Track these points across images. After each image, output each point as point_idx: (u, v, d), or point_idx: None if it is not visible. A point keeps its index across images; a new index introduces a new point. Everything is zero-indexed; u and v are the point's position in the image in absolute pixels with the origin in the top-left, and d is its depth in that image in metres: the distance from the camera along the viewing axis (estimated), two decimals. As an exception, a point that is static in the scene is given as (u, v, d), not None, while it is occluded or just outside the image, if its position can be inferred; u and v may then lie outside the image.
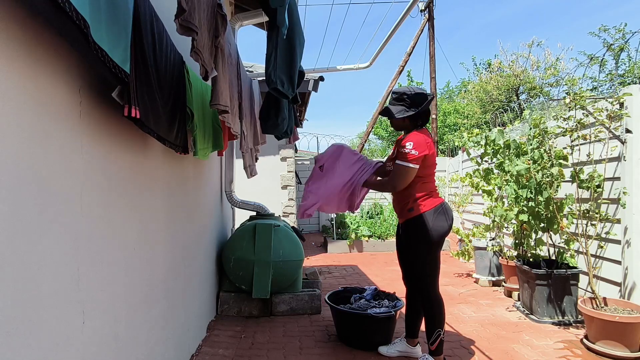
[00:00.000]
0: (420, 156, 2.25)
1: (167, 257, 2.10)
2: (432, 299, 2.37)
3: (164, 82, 1.60)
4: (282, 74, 2.09)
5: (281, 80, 2.08)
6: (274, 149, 7.08)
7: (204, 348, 2.69)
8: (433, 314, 2.36)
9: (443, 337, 2.35)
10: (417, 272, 2.41)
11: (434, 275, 2.39)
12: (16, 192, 0.94)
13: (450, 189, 8.39)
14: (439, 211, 2.33)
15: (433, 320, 2.36)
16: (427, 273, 2.37)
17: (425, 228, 2.29)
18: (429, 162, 2.32)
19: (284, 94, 2.14)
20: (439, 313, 2.36)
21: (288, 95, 2.19)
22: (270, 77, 1.99)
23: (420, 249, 2.35)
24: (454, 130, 18.36)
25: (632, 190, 2.99)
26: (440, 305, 2.37)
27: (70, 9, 0.90)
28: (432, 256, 2.36)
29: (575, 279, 3.22)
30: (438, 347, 2.35)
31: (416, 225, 2.33)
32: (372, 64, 5.46)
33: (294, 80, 2.23)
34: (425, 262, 2.36)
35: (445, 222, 2.33)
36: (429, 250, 2.34)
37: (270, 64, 1.98)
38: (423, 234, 2.31)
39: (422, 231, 2.31)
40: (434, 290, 2.38)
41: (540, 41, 15.14)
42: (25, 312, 0.96)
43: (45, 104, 1.06)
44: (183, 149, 1.93)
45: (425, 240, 2.32)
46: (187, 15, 1.36)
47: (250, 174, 3.64)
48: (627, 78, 12.52)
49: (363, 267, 5.51)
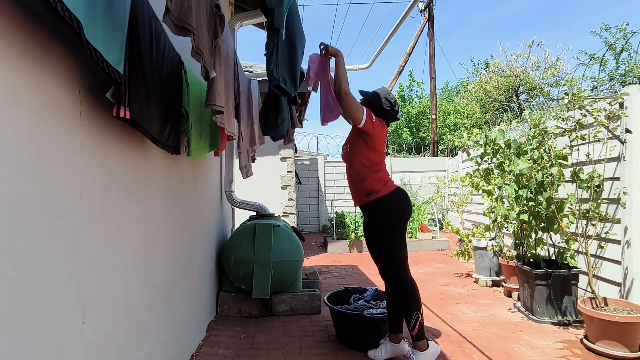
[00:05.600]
0: (372, 119, 2.43)
1: (167, 257, 2.10)
2: (404, 281, 2.41)
3: (159, 82, 1.60)
4: (284, 72, 2.09)
5: (283, 78, 2.08)
6: (274, 149, 7.08)
7: (203, 348, 2.69)
8: (408, 297, 2.39)
9: (422, 320, 2.37)
10: (386, 258, 2.45)
11: (402, 258, 2.43)
12: (16, 192, 0.94)
13: (450, 189, 8.39)
14: (397, 194, 2.44)
15: (409, 304, 2.38)
16: (395, 255, 2.41)
17: (386, 210, 2.40)
18: (378, 140, 2.46)
19: (286, 91, 2.14)
20: (413, 295, 2.39)
21: (290, 93, 2.19)
22: (273, 74, 1.99)
23: (384, 232, 2.41)
24: (454, 130, 18.37)
25: (632, 190, 2.99)
26: (414, 287, 2.41)
27: (62, 9, 0.90)
28: (397, 238, 2.41)
29: (575, 279, 3.22)
30: (419, 332, 2.36)
31: (377, 207, 2.42)
32: (372, 65, 5.45)
33: (296, 79, 2.23)
34: (392, 245, 2.41)
35: (404, 205, 2.44)
36: (393, 233, 2.40)
37: (271, 61, 1.98)
38: (384, 215, 2.40)
39: (383, 213, 2.40)
40: (405, 273, 2.42)
41: (541, 41, 15.17)
42: (25, 312, 0.96)
43: (45, 104, 1.06)
44: (174, 150, 1.90)
45: (387, 222, 2.40)
46: (182, 16, 1.36)
47: (245, 175, 3.64)
48: (628, 78, 12.53)
49: (363, 267, 5.51)
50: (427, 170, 9.37)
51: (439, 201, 8.69)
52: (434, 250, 6.77)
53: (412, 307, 2.37)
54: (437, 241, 6.88)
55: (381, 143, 2.50)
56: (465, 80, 20.28)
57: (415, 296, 2.40)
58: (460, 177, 5.44)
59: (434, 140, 12.24)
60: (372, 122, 2.44)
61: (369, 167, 2.46)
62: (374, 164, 2.46)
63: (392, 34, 4.57)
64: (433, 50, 12.26)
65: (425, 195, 8.85)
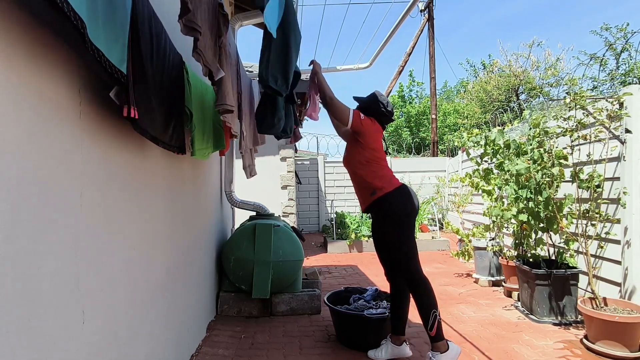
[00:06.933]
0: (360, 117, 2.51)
1: (167, 256, 2.10)
2: (417, 280, 2.37)
3: (161, 82, 1.60)
4: (276, 72, 2.08)
5: (274, 77, 2.07)
6: (274, 149, 7.08)
7: (203, 348, 2.69)
8: (422, 295, 2.34)
9: (440, 318, 2.31)
10: (396, 256, 2.42)
11: (412, 255, 2.39)
12: (16, 191, 0.94)
13: (450, 189, 8.39)
14: (401, 191, 2.43)
15: (425, 302, 2.33)
16: (404, 252, 2.38)
17: (392, 207, 2.39)
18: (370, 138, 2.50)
19: (277, 91, 2.14)
20: (428, 292, 2.34)
21: (282, 92, 2.19)
22: (262, 75, 1.99)
23: (391, 230, 2.40)
24: (454, 130, 18.37)
25: (632, 190, 2.99)
26: (427, 284, 2.36)
27: (68, 9, 0.90)
28: (405, 236, 2.39)
29: (575, 279, 3.22)
30: (437, 331, 2.29)
31: (382, 205, 2.41)
32: (372, 64, 5.45)
33: (289, 78, 2.22)
34: (400, 243, 2.39)
35: (409, 201, 2.42)
36: (400, 230, 2.38)
37: (262, 62, 1.98)
38: (390, 213, 2.39)
39: (389, 210, 2.39)
40: (417, 271, 2.38)
41: (541, 41, 15.16)
42: (25, 312, 0.96)
43: (45, 104, 1.06)
44: (179, 149, 1.91)
45: (394, 220, 2.38)
46: (190, 15, 1.36)
47: (250, 174, 3.64)
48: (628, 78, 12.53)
49: (363, 267, 5.51)
50: (427, 170, 9.37)
51: (439, 201, 8.69)
52: (434, 250, 6.77)
53: (429, 305, 2.31)
54: (437, 241, 6.88)
55: (374, 140, 2.53)
56: (465, 81, 20.29)
57: (431, 294, 2.34)
58: (460, 177, 5.44)
59: (434, 140, 12.25)
60: (361, 119, 2.50)
61: (366, 165, 2.48)
62: (371, 161, 2.48)
63: (392, 34, 4.57)
64: (433, 50, 12.26)
65: (425, 195, 8.85)
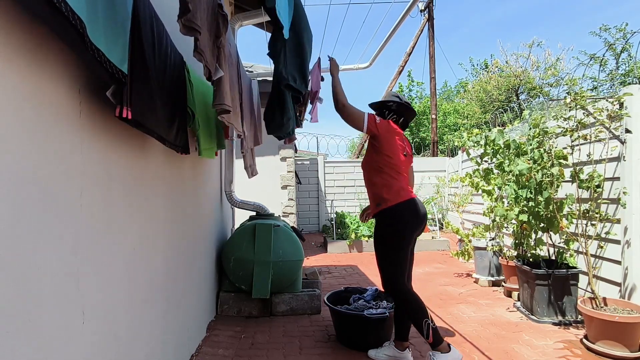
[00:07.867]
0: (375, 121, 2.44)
1: (167, 257, 2.10)
2: (403, 293, 2.35)
3: (162, 82, 1.60)
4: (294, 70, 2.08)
5: (293, 76, 2.07)
6: (274, 149, 7.08)
7: (203, 348, 2.69)
8: (411, 308, 2.33)
9: (433, 325, 2.29)
10: (382, 266, 2.41)
11: (398, 270, 2.36)
12: (16, 191, 0.94)
13: (450, 189, 8.39)
14: (407, 206, 2.38)
15: (415, 314, 2.32)
16: (388, 263, 2.37)
17: (393, 222, 2.37)
18: (387, 143, 2.44)
19: (297, 89, 2.14)
20: (416, 304, 2.33)
21: (302, 91, 2.19)
22: (282, 74, 1.98)
23: (386, 242, 2.38)
24: (454, 130, 18.36)
25: (632, 190, 2.99)
26: (414, 296, 2.35)
27: (66, 9, 0.90)
28: (398, 250, 2.35)
29: (575, 279, 3.22)
30: (435, 337, 2.28)
31: (385, 218, 2.40)
32: (371, 64, 5.45)
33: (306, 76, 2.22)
34: (390, 256, 2.37)
35: (414, 216, 2.38)
36: (395, 244, 2.35)
37: (280, 61, 1.97)
38: (389, 227, 2.37)
39: (390, 225, 2.38)
40: (400, 284, 2.36)
41: (541, 41, 15.18)
42: (25, 312, 0.96)
43: (45, 104, 1.06)
44: (183, 149, 1.93)
45: (391, 234, 2.37)
46: (190, 15, 1.36)
47: (251, 174, 3.64)
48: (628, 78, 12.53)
49: (363, 267, 5.51)
50: (427, 170, 9.37)
51: (439, 201, 8.69)
52: (434, 250, 6.77)
53: (419, 316, 2.30)
54: (437, 241, 6.88)
55: (390, 146, 2.45)
56: (464, 80, 20.29)
57: (417, 304, 2.33)
58: (460, 177, 5.44)
59: (434, 140, 12.24)
60: (376, 123, 2.44)
61: (378, 172, 2.45)
62: (384, 168, 2.43)
63: (392, 34, 4.57)
64: (433, 50, 12.26)
65: (425, 195, 8.85)
